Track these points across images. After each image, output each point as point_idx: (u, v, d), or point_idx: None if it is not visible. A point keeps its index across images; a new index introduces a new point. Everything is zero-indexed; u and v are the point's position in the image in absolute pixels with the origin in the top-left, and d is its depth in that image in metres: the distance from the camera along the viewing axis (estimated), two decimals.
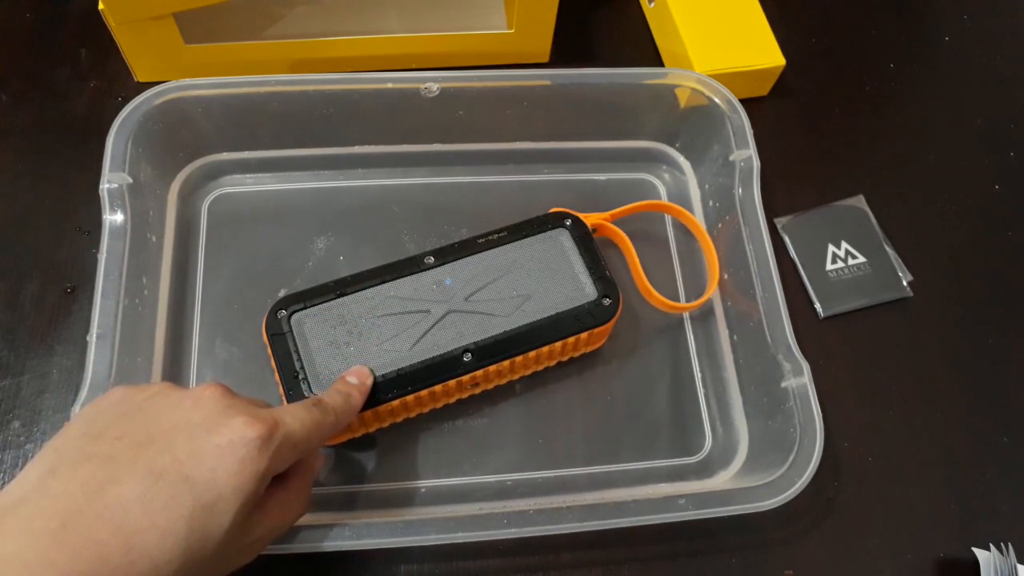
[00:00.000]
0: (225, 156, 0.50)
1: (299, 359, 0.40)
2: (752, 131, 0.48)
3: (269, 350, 0.41)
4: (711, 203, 0.50)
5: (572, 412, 0.45)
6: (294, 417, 0.33)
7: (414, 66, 0.54)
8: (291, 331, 0.41)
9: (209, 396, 0.31)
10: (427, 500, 0.42)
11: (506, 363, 0.42)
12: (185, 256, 0.47)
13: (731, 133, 0.48)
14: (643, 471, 0.44)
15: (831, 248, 0.51)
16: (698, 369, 0.47)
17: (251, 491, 0.30)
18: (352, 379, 0.39)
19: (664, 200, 0.52)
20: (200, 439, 0.30)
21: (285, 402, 0.39)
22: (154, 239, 0.46)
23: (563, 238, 0.45)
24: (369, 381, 0.39)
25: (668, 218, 0.52)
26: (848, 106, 0.57)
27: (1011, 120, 0.58)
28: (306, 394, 0.40)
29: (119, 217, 0.42)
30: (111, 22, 0.47)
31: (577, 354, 0.45)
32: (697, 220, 0.50)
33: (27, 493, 0.28)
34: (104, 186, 0.43)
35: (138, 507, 0.27)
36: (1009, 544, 0.42)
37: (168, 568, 0.27)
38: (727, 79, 0.50)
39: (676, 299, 0.49)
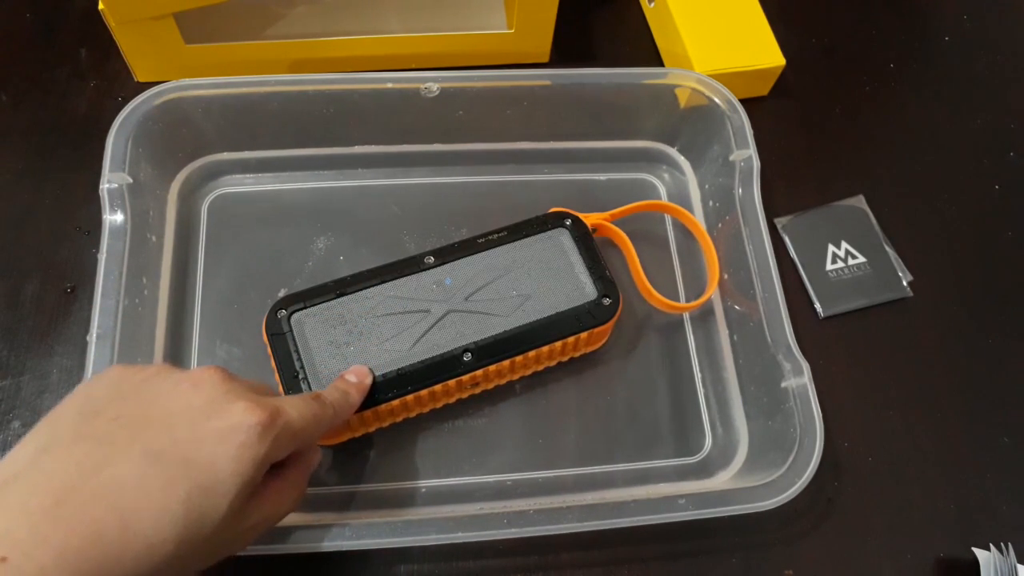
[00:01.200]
0: (225, 156, 0.50)
1: (299, 359, 0.40)
2: (752, 131, 0.48)
3: (269, 350, 0.41)
4: (711, 203, 0.50)
5: (572, 412, 0.45)
6: (293, 407, 0.33)
7: (414, 66, 0.54)
8: (291, 331, 0.41)
9: (209, 379, 0.31)
10: (427, 500, 0.42)
11: (506, 363, 0.42)
12: (185, 256, 0.47)
13: (731, 133, 0.48)
14: (643, 471, 0.44)
15: (831, 248, 0.51)
16: (698, 369, 0.47)
17: (250, 476, 0.30)
18: (351, 377, 0.39)
19: (664, 200, 0.52)
20: (200, 423, 0.29)
21: None
22: (154, 239, 0.46)
23: (563, 238, 0.45)
24: (368, 380, 0.39)
25: (668, 218, 0.52)
26: (848, 106, 0.57)
27: (1011, 120, 0.58)
28: None
29: (119, 217, 0.42)
30: (111, 22, 0.47)
31: (577, 354, 0.45)
32: (697, 220, 0.50)
33: (20, 470, 0.27)
34: (104, 186, 0.43)
35: (134, 488, 0.27)
36: (1009, 544, 0.42)
37: (163, 549, 0.27)
38: (727, 79, 0.50)
39: (676, 299, 0.49)
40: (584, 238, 0.45)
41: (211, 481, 0.29)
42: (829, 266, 0.51)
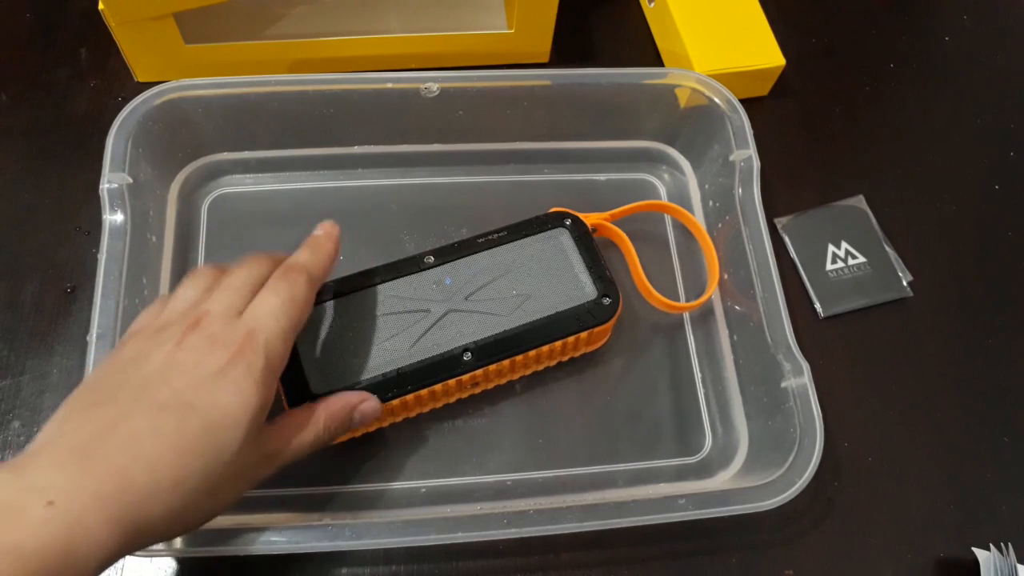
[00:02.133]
0: (225, 156, 0.50)
1: (299, 359, 0.40)
2: (752, 131, 0.48)
3: None
4: (711, 203, 0.50)
5: (572, 412, 0.45)
6: (266, 312, 0.34)
7: (414, 66, 0.54)
8: None
9: (192, 341, 0.33)
10: (427, 500, 0.42)
11: (506, 362, 0.42)
12: (185, 256, 0.47)
13: (731, 133, 0.48)
14: (643, 471, 0.44)
15: (831, 248, 0.51)
16: (698, 369, 0.47)
17: (256, 403, 0.32)
18: (318, 231, 0.40)
19: (664, 200, 0.52)
20: (191, 372, 0.32)
21: (287, 405, 0.39)
22: (154, 239, 0.46)
23: (563, 238, 0.45)
24: (335, 229, 0.40)
25: (668, 218, 0.52)
26: (848, 106, 0.57)
27: (1011, 120, 0.58)
28: (307, 395, 0.39)
29: (119, 217, 0.42)
30: (111, 22, 0.47)
31: (577, 354, 0.45)
32: (697, 220, 0.50)
33: (47, 440, 0.30)
34: (104, 186, 0.43)
35: (150, 435, 0.30)
36: (1009, 544, 0.42)
37: (190, 483, 0.30)
38: (727, 79, 0.50)
39: (676, 299, 0.49)
40: (584, 238, 0.45)
41: (219, 415, 0.31)
42: (829, 266, 0.51)
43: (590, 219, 0.47)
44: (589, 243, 0.45)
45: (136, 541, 0.29)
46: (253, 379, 0.32)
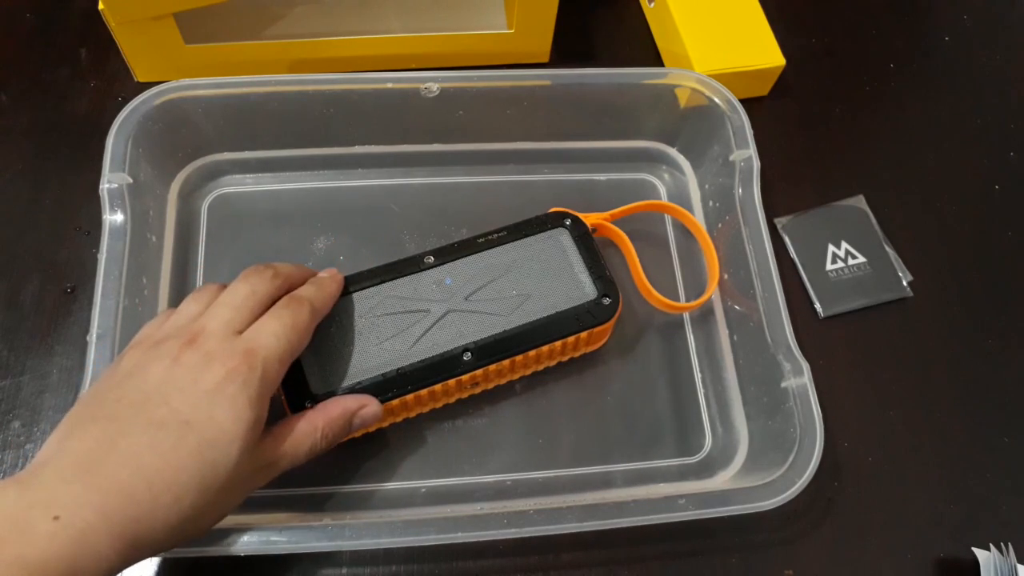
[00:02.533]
0: (225, 156, 0.50)
1: (298, 359, 0.40)
2: (752, 131, 0.48)
3: None
4: (711, 203, 0.50)
5: (572, 412, 0.45)
6: (268, 333, 0.35)
7: (414, 66, 0.54)
8: None
9: (189, 358, 0.34)
10: (427, 500, 0.42)
11: (506, 362, 0.42)
12: (185, 256, 0.47)
13: (731, 133, 0.48)
14: (643, 471, 0.44)
15: (831, 248, 0.51)
16: (698, 369, 0.47)
17: (250, 418, 0.33)
18: (324, 273, 0.41)
19: (664, 200, 0.52)
20: (189, 389, 0.32)
21: (287, 408, 0.39)
22: (154, 239, 0.46)
23: (563, 238, 0.45)
24: (340, 275, 0.42)
25: (668, 218, 0.52)
26: (848, 106, 0.57)
27: (1011, 120, 0.58)
28: (307, 395, 0.39)
29: (119, 217, 0.42)
30: (111, 22, 0.47)
31: (577, 354, 0.45)
32: (697, 220, 0.50)
33: (50, 455, 0.31)
34: (104, 186, 0.43)
35: (149, 452, 0.30)
36: (1009, 544, 0.42)
37: (188, 498, 0.31)
38: (727, 79, 0.50)
39: (676, 299, 0.49)
40: (584, 238, 0.45)
41: (215, 432, 0.32)
42: (829, 266, 0.51)
43: (590, 219, 0.47)
44: (589, 243, 0.45)
45: (136, 554, 0.30)
46: (248, 395, 0.33)
